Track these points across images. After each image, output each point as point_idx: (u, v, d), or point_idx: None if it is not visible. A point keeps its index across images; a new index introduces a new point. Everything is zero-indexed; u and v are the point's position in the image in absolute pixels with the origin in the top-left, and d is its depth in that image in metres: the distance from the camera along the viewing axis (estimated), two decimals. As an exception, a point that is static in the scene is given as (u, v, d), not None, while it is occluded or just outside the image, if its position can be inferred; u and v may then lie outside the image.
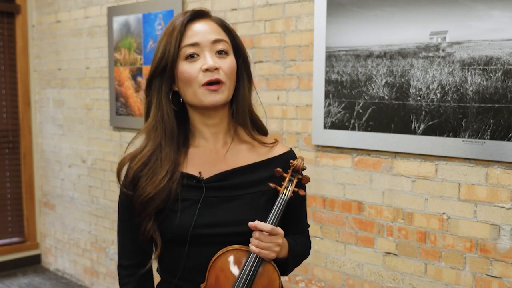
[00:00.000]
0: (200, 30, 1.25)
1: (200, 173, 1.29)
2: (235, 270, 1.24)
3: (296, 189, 1.30)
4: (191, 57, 1.24)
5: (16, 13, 4.37)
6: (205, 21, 1.28)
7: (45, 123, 4.44)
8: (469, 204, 2.07)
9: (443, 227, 2.14)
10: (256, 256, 1.22)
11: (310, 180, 1.34)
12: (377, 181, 2.33)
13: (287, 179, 1.30)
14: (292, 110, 2.61)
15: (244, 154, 1.33)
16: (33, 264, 4.59)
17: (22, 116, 4.46)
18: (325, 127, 2.44)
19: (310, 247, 1.47)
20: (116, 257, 3.78)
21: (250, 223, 1.22)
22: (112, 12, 3.62)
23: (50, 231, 4.50)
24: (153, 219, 1.26)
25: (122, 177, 1.33)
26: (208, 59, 1.23)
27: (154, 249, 1.32)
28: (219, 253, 1.24)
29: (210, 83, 1.23)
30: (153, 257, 1.32)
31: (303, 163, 1.32)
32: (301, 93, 2.57)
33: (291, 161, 1.31)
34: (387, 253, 2.33)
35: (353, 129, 2.34)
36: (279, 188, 1.28)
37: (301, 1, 2.53)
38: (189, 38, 1.24)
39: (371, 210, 2.37)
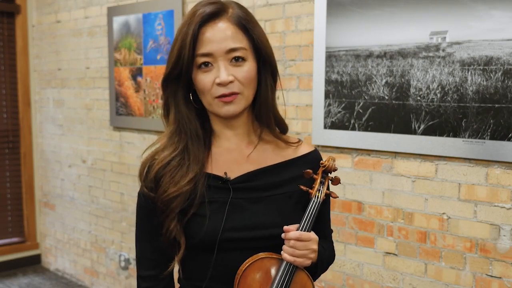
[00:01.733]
0: (215, 38, 1.16)
1: (225, 173, 1.23)
2: (268, 280, 1.16)
3: (328, 191, 1.23)
4: (205, 65, 1.17)
5: (16, 13, 4.37)
6: (222, 22, 1.18)
7: (45, 123, 4.44)
8: (469, 204, 2.07)
9: (443, 227, 2.14)
10: (290, 264, 1.16)
11: (340, 181, 1.26)
12: (377, 181, 2.33)
13: (318, 181, 1.22)
14: (292, 110, 2.61)
15: (269, 154, 1.27)
16: (33, 264, 4.59)
17: (22, 116, 4.46)
18: (325, 127, 2.44)
19: (334, 253, 1.40)
20: (116, 257, 3.80)
21: (286, 227, 1.17)
22: (112, 12, 3.62)
23: (50, 231, 4.50)
24: (176, 219, 1.18)
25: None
26: (222, 72, 1.16)
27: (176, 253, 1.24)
28: (248, 262, 1.16)
29: (224, 95, 1.17)
30: (175, 259, 1.21)
31: (335, 164, 1.24)
32: (301, 93, 2.57)
33: (321, 161, 1.24)
34: (387, 253, 2.33)
35: (353, 129, 2.34)
36: (310, 191, 1.21)
37: (301, 1, 2.53)
38: (202, 46, 1.16)
39: (371, 210, 2.37)
